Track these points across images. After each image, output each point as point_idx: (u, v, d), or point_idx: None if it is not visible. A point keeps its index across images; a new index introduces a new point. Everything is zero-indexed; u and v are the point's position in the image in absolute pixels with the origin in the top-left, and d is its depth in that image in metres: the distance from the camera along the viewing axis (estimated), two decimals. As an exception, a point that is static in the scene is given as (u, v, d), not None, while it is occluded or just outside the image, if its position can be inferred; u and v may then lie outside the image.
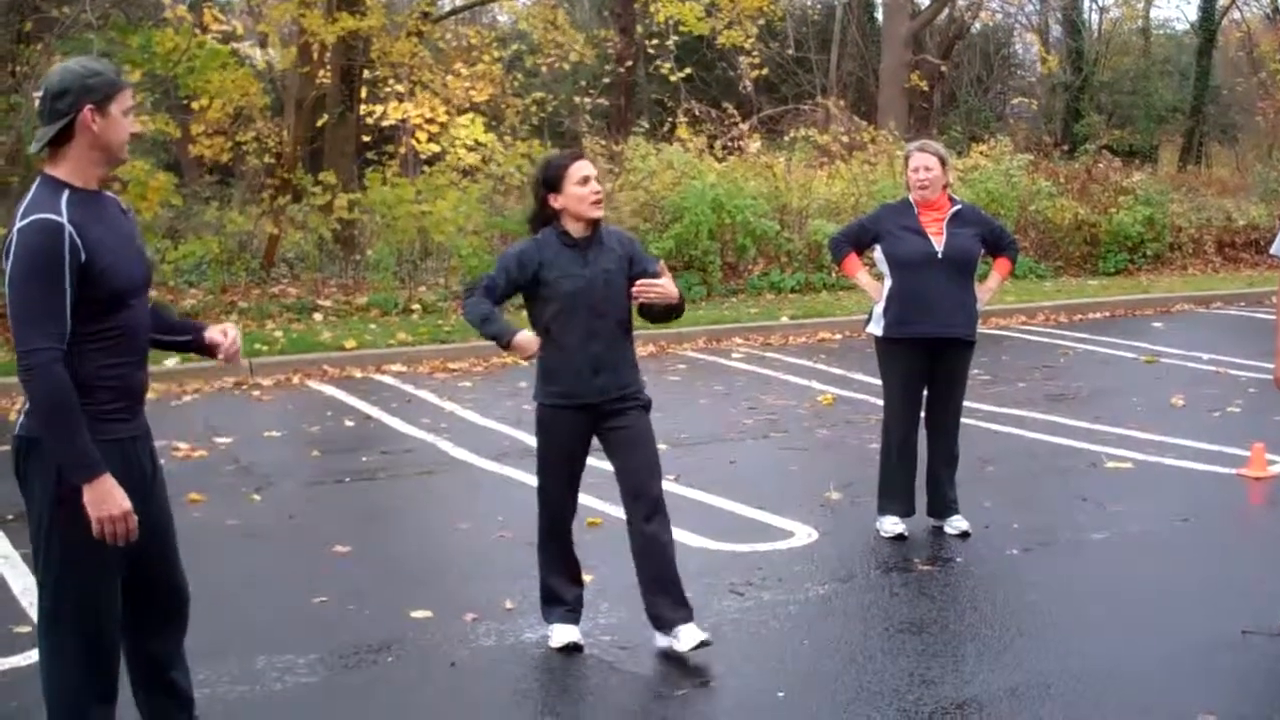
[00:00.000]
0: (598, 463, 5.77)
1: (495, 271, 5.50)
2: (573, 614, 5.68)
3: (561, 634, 5.60)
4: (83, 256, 3.85)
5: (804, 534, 7.33)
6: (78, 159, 3.98)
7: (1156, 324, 16.06)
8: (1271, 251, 6.95)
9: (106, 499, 3.87)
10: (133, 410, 4.09)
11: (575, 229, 5.45)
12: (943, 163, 7.16)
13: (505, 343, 5.36)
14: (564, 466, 5.59)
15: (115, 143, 4.00)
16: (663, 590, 5.53)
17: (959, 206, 7.25)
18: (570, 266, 5.41)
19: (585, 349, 5.42)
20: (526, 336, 5.37)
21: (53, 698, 4.10)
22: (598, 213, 5.45)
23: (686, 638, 5.45)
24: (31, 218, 3.84)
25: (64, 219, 3.83)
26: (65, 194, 3.91)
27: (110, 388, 3.99)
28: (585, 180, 5.40)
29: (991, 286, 7.38)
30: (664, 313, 5.59)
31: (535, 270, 5.41)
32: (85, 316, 3.88)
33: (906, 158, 7.30)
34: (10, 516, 7.55)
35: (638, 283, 5.40)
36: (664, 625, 5.53)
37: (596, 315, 5.42)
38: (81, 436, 3.84)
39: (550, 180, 5.44)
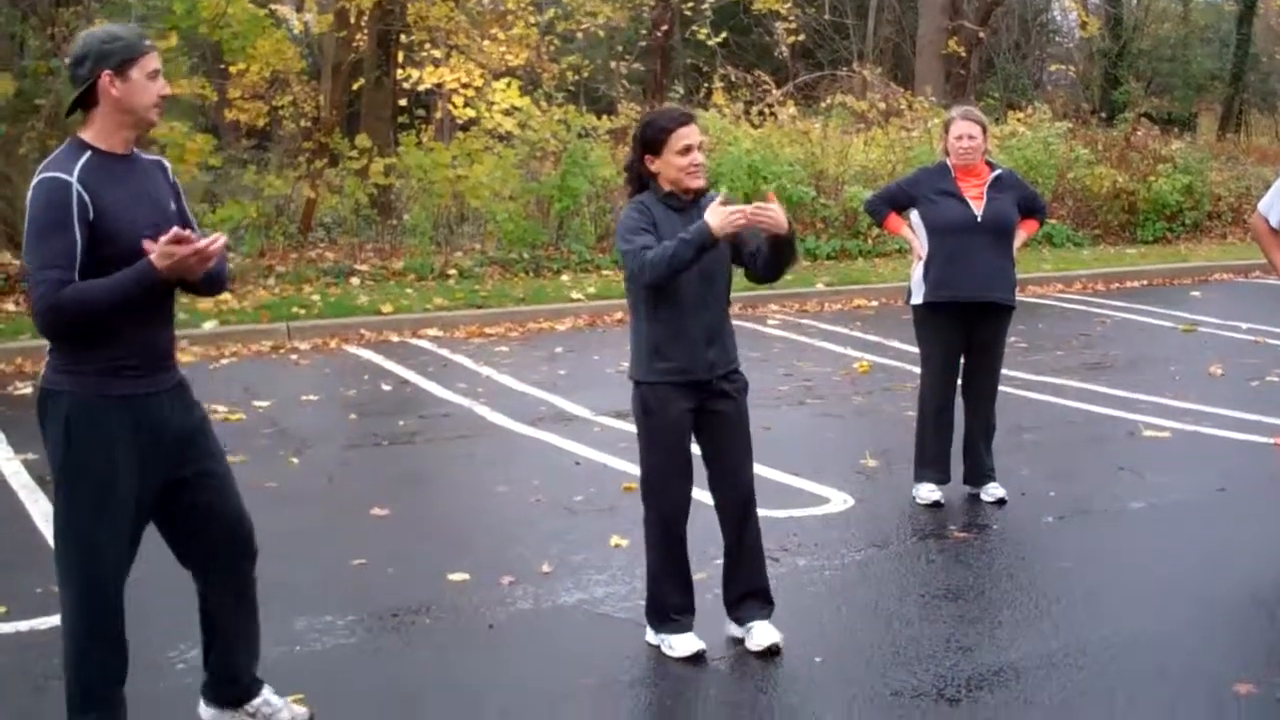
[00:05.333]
0: (624, 425, 5.77)
1: (633, 236, 5.02)
2: (690, 618, 5.30)
3: (683, 642, 5.21)
4: (91, 214, 3.95)
5: (839, 500, 7.34)
6: (103, 122, 4.10)
7: (1195, 293, 15.96)
8: (1260, 209, 6.82)
9: (170, 264, 3.96)
10: (151, 368, 4.17)
11: (679, 192, 5.14)
12: (983, 130, 7.14)
13: (710, 238, 4.85)
14: (677, 451, 5.20)
15: (139, 105, 4.10)
16: (753, 593, 5.41)
17: (999, 172, 7.23)
18: (680, 229, 5.00)
19: (698, 317, 5.10)
20: (714, 209, 4.87)
21: (65, 640, 4.23)
22: (696, 183, 5.09)
23: (760, 635, 5.27)
24: (42, 176, 3.99)
25: (72, 178, 3.95)
26: (85, 156, 4.03)
27: (125, 344, 4.08)
28: (687, 150, 5.03)
29: (1015, 245, 7.32)
30: (772, 261, 5.17)
31: (652, 234, 5.05)
32: (99, 276, 3.96)
33: (947, 124, 7.27)
34: (49, 478, 7.62)
35: (749, 209, 4.90)
36: (741, 618, 5.39)
37: (706, 281, 5.10)
38: (118, 289, 3.94)
39: (650, 142, 5.09)
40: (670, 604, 5.28)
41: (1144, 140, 21.70)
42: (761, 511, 7.05)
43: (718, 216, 4.85)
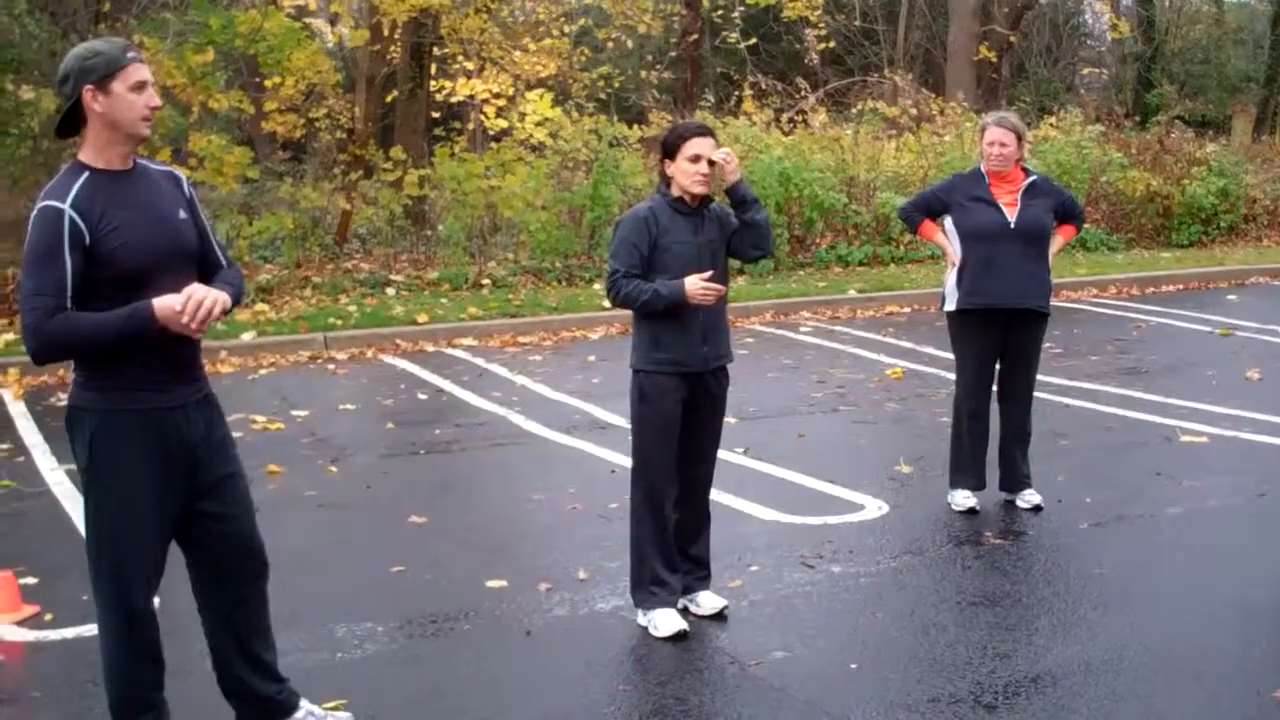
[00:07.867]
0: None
1: (623, 251, 5.49)
2: (673, 597, 5.66)
3: (667, 621, 5.53)
4: (87, 240, 3.92)
5: (874, 507, 7.35)
6: (95, 140, 4.06)
7: (1231, 296, 15.88)
8: None
9: (167, 314, 3.94)
10: (176, 381, 4.17)
11: (687, 197, 5.55)
12: (1019, 138, 7.11)
13: (682, 299, 5.41)
14: (668, 436, 5.58)
15: (125, 119, 4.03)
16: (699, 563, 5.85)
17: (1034, 178, 7.22)
18: (683, 233, 5.53)
19: (696, 314, 5.51)
20: (690, 279, 5.41)
21: (102, 652, 4.27)
22: (699, 190, 5.51)
23: (706, 602, 5.78)
24: (40, 204, 3.97)
25: (66, 205, 3.92)
26: (83, 177, 4.00)
27: (148, 359, 4.07)
28: (696, 159, 5.47)
29: (1053, 251, 7.32)
30: (756, 241, 5.65)
31: (655, 235, 5.50)
32: (104, 295, 3.95)
33: (982, 129, 7.27)
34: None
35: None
36: (691, 586, 5.81)
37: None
38: (107, 327, 3.93)
39: (668, 147, 5.57)
40: (652, 574, 5.61)
41: (1178, 143, 21.61)
42: (796, 519, 7.14)
43: (696, 289, 5.40)
